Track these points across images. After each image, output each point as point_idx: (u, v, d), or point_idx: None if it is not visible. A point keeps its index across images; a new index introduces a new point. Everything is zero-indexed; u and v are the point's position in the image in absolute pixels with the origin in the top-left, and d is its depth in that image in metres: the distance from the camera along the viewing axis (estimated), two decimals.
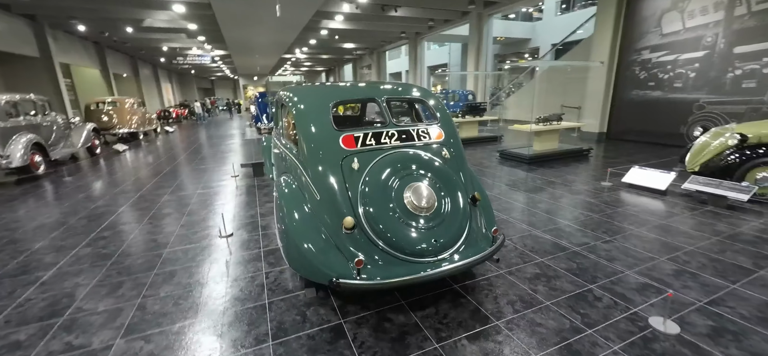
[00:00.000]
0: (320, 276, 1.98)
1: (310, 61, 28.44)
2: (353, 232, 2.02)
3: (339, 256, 2.00)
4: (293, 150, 2.53)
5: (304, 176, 2.27)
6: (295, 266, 2.17)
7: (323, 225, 2.10)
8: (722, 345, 1.89)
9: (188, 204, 4.72)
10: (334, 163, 2.16)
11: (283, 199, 2.31)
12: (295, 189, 2.33)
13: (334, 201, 2.09)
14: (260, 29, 13.67)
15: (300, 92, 2.74)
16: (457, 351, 1.92)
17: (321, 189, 2.14)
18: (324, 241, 2.05)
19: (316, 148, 2.23)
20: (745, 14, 6.57)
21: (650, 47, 8.15)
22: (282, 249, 2.39)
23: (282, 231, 2.26)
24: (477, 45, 14.00)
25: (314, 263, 1.99)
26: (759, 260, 2.78)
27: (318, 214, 2.14)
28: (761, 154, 4.00)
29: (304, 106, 2.49)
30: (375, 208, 2.03)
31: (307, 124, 2.35)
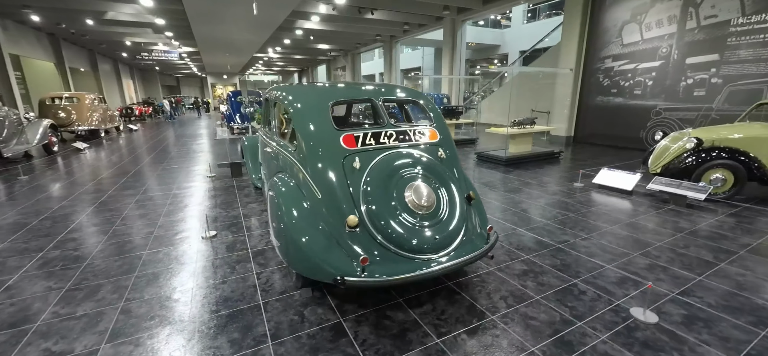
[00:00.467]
0: (323, 274, 1.97)
1: (283, 60, 27.91)
2: (355, 230, 2.02)
3: (341, 254, 2.00)
4: (289, 148, 2.49)
5: (303, 174, 2.25)
6: (295, 265, 2.14)
7: (324, 224, 2.09)
8: (695, 331, 2.08)
9: (163, 205, 4.49)
10: (336, 161, 2.15)
11: (280, 198, 2.27)
12: (294, 187, 2.30)
13: (335, 200, 2.08)
14: (233, 27, 13.26)
15: (297, 91, 2.71)
16: (458, 345, 1.98)
17: (322, 188, 2.13)
18: (326, 239, 2.05)
19: (316, 147, 2.22)
20: (695, 28, 7.20)
21: (612, 56, 8.73)
22: (279, 248, 2.34)
23: (280, 230, 2.22)
24: (451, 50, 14.35)
25: (317, 261, 1.98)
26: (718, 254, 3.07)
27: (319, 213, 2.12)
28: (714, 157, 4.40)
29: (303, 105, 2.46)
30: (378, 207, 2.04)
31: (307, 123, 2.33)
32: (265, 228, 3.68)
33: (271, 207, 2.47)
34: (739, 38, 6.60)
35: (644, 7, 8.00)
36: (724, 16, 6.78)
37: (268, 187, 2.63)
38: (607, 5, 8.73)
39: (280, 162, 2.66)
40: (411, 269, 1.96)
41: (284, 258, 2.28)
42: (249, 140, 5.11)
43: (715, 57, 6.94)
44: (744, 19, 6.51)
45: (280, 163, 2.69)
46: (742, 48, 6.56)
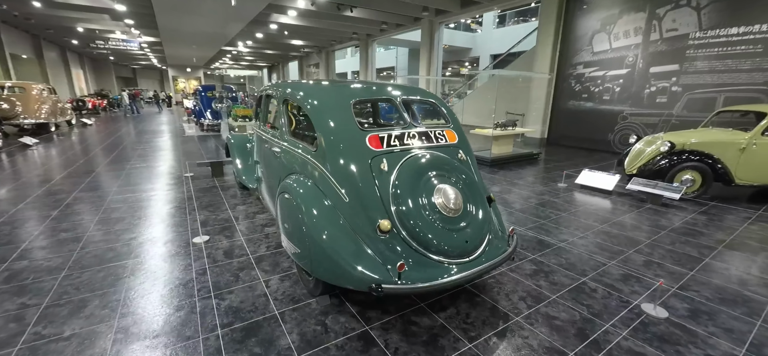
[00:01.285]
0: (355, 282, 1.88)
1: (253, 55, 26.89)
2: (387, 235, 1.95)
3: (373, 260, 1.92)
4: (307, 149, 2.35)
5: (326, 177, 2.13)
6: (320, 273, 2.02)
7: (353, 228, 2.00)
8: (702, 324, 2.22)
9: (140, 208, 4.13)
10: (363, 164, 2.06)
11: (300, 201, 2.14)
12: (314, 190, 2.18)
13: (365, 204, 1.99)
14: (203, 18, 12.55)
15: (314, 89, 2.58)
16: (490, 348, 1.97)
17: (349, 191, 2.03)
18: (355, 245, 1.95)
19: (341, 148, 2.11)
20: (658, 40, 7.78)
21: (583, 63, 9.23)
22: (296, 255, 2.21)
23: (300, 236, 2.09)
24: (428, 51, 14.52)
25: (347, 269, 1.88)
26: (701, 249, 3.31)
27: (346, 217, 2.02)
28: (685, 159, 4.77)
29: (324, 104, 2.34)
30: (410, 210, 1.98)
31: (330, 123, 2.22)
32: (261, 232, 3.49)
33: (286, 211, 2.33)
34: (696, 51, 7.21)
35: (613, 18, 8.52)
36: (683, 30, 7.38)
37: (280, 189, 2.48)
38: (578, 14, 9.21)
39: (291, 163, 2.51)
40: (446, 273, 1.92)
41: (303, 265, 2.15)
42: (236, 138, 4.84)
43: (676, 67, 7.54)
44: (701, 33, 7.13)
45: (290, 164, 2.54)
46: (699, 59, 7.18)
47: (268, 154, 3.01)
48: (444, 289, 1.90)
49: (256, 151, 3.90)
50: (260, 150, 3.45)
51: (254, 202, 4.40)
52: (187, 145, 9.08)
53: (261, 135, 3.35)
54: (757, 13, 6.40)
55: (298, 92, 2.58)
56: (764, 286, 2.68)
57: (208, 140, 9.81)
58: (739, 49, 6.67)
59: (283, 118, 2.72)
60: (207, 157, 7.43)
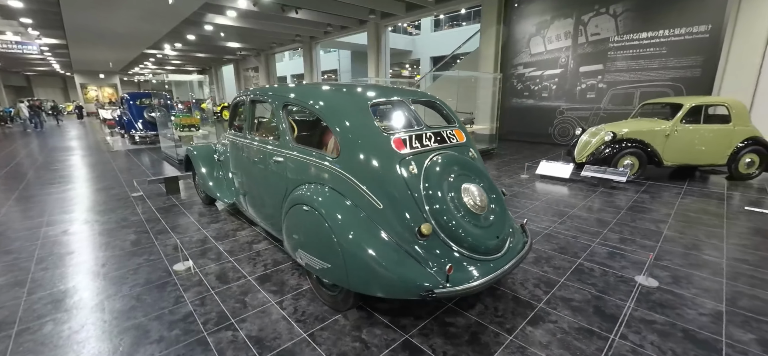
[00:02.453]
0: (403, 290, 1.81)
1: (182, 59, 24.58)
2: (427, 239, 1.91)
3: (416, 266, 1.87)
4: (323, 156, 2.20)
5: (353, 185, 2.02)
6: (359, 285, 1.90)
7: (391, 236, 1.92)
8: (685, 287, 2.55)
9: (91, 238, 3.51)
10: (393, 167, 2.00)
11: (325, 212, 2.00)
12: (340, 200, 2.05)
13: (402, 209, 1.93)
14: (122, 16, 11.10)
15: (324, 93, 2.42)
16: (530, 337, 2.04)
17: (383, 198, 1.94)
18: (396, 253, 1.88)
19: (368, 154, 2.02)
20: (585, 43, 8.83)
21: (523, 64, 10.10)
22: (324, 270, 2.06)
23: (329, 249, 1.95)
24: (376, 53, 14.65)
25: (392, 278, 1.81)
26: (656, 223, 3.82)
27: (382, 225, 1.94)
28: (625, 147, 5.48)
29: (342, 108, 2.21)
30: (445, 212, 1.97)
31: (352, 128, 2.10)
32: (250, 249, 3.19)
33: (306, 225, 2.16)
34: (616, 52, 8.33)
35: (546, 23, 9.45)
36: (604, 34, 8.47)
37: (292, 201, 2.28)
38: (515, 19, 10.05)
39: (301, 173, 2.33)
40: (486, 271, 1.95)
41: (336, 280, 2.02)
42: (200, 150, 4.36)
43: (600, 67, 8.62)
44: (618, 37, 8.25)
45: (299, 174, 2.36)
46: (618, 60, 8.30)
47: (260, 164, 2.76)
48: (483, 288, 1.92)
49: (232, 162, 3.56)
50: (241, 161, 3.15)
51: (228, 219, 4.01)
52: (118, 161, 7.97)
53: (245, 144, 3.06)
54: (661, 21, 7.60)
55: (308, 97, 2.40)
56: (713, 248, 3.18)
57: (142, 154, 8.73)
58: (649, 51, 7.85)
59: (283, 125, 2.52)
60: (151, 172, 6.60)
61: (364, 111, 2.18)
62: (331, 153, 2.17)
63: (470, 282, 1.85)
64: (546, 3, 9.38)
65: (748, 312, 2.27)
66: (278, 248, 3.23)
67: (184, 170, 4.89)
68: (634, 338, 2.03)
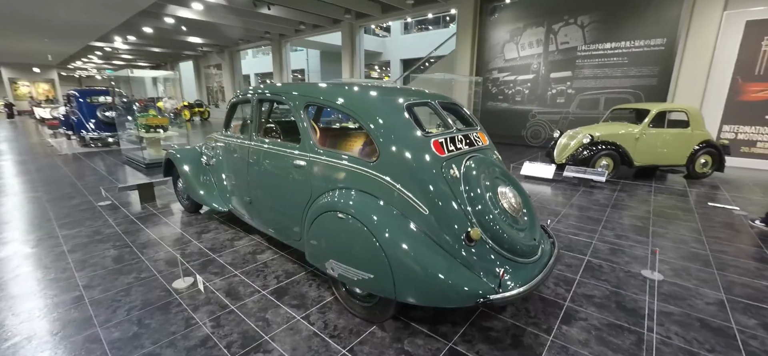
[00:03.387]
0: (457, 299, 1.75)
1: (133, 53, 22.71)
2: (475, 243, 1.88)
3: (467, 273, 1.82)
4: (358, 161, 2.09)
5: (396, 191, 1.93)
6: (412, 296, 1.82)
7: (439, 242, 1.86)
8: (685, 279, 2.75)
9: (59, 256, 3.09)
10: (437, 171, 1.94)
11: (372, 222, 1.89)
12: (385, 208, 1.95)
13: (447, 214, 1.88)
14: (70, 3, 10.01)
15: (358, 94, 2.29)
16: (568, 336, 2.08)
17: (428, 203, 1.88)
18: (446, 260, 1.82)
19: (411, 158, 1.94)
20: (555, 51, 9.35)
21: (498, 68, 10.48)
22: (365, 282, 1.95)
23: (377, 260, 1.86)
24: (350, 54, 14.50)
25: (445, 286, 1.75)
26: (641, 219, 4.10)
27: (428, 232, 1.87)
28: (601, 148, 5.85)
29: (380, 111, 2.11)
30: (489, 215, 1.95)
31: (393, 131, 2.01)
32: (254, 261, 2.97)
33: (340, 234, 2.03)
34: (583, 60, 8.90)
35: (519, 30, 9.89)
36: (573, 43, 9.02)
37: (321, 209, 2.14)
38: (490, 26, 10.42)
39: (330, 178, 2.20)
40: (529, 274, 1.95)
41: (380, 291, 1.91)
42: (184, 153, 4.01)
43: (569, 73, 9.17)
44: (585, 46, 8.83)
45: (327, 180, 2.22)
46: (586, 68, 8.88)
47: (273, 169, 2.57)
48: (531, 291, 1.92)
49: (228, 167, 3.31)
50: (243, 165, 2.92)
51: (219, 227, 3.73)
52: (71, 166, 7.16)
53: (251, 147, 2.84)
54: (623, 33, 8.23)
55: (339, 98, 2.27)
56: (696, 241, 3.47)
57: (97, 158, 7.93)
58: (612, 60, 8.48)
59: (305, 126, 2.36)
60: (115, 178, 5.99)
61: (402, 113, 2.10)
62: (372, 157, 2.07)
63: (519, 286, 1.84)
64: (519, 11, 9.82)
65: (745, 299, 2.49)
66: (286, 257, 3.04)
67: (163, 175, 4.47)
68: (660, 330, 2.14)
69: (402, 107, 2.13)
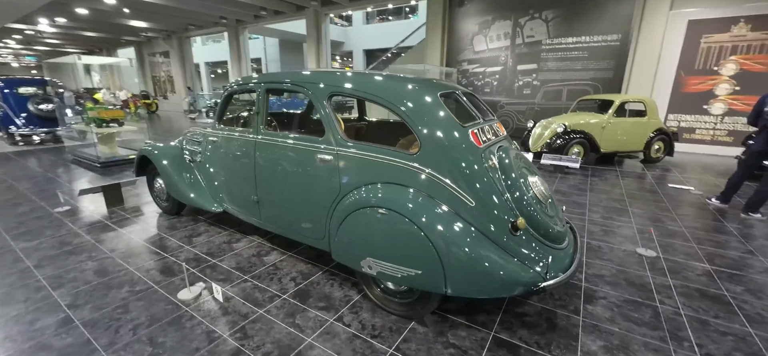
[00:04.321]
0: (510, 288, 1.76)
1: (62, 38, 20.06)
2: (520, 232, 1.90)
3: (514, 261, 1.83)
4: (395, 154, 2.00)
5: (440, 184, 1.89)
6: (465, 289, 1.79)
7: (486, 234, 1.85)
8: (674, 254, 3.03)
9: (24, 271, 2.66)
10: (479, 162, 1.91)
11: (419, 218, 1.82)
12: (429, 201, 1.89)
13: (494, 205, 1.87)
14: None
15: (386, 82, 2.17)
16: (594, 314, 2.19)
17: (474, 195, 1.86)
18: (496, 251, 1.82)
19: (454, 149, 1.90)
20: (521, 44, 9.77)
21: (467, 60, 10.74)
22: (411, 279, 1.89)
23: (426, 255, 1.80)
24: (316, 43, 14.03)
25: (500, 277, 1.75)
26: (619, 201, 4.45)
27: (475, 223, 1.85)
28: (574, 137, 6.24)
29: (419, 101, 2.02)
30: (528, 204, 1.98)
31: (434, 122, 1.95)
32: (263, 264, 2.78)
33: (381, 230, 1.95)
34: (547, 54, 9.40)
35: (487, 23, 10.18)
36: (538, 37, 9.48)
37: (353, 205, 2.03)
38: (459, 17, 10.61)
39: (363, 172, 2.09)
40: (567, 260, 2.02)
41: (429, 286, 1.86)
42: (161, 149, 3.63)
43: (535, 66, 9.64)
44: (549, 40, 9.32)
45: (359, 175, 2.11)
46: (550, 61, 9.39)
47: (288, 165, 2.39)
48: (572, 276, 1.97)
49: (224, 163, 3.04)
50: (245, 161, 2.69)
51: (210, 229, 3.44)
52: (6, 168, 6.20)
53: (258, 142, 2.62)
54: (583, 28, 8.80)
55: (371, 88, 2.15)
56: (670, 219, 3.84)
57: (31, 157, 6.98)
58: (574, 54, 9.04)
59: (329, 118, 2.22)
60: (66, 180, 5.28)
61: (440, 104, 2.05)
62: (411, 149, 1.99)
63: (562, 272, 1.90)
64: (487, 4, 10.09)
65: (726, 268, 2.79)
66: (296, 258, 2.88)
67: (135, 174, 4.00)
68: (670, 302, 2.33)
69: (438, 98, 2.07)
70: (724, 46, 7.52)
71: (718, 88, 7.70)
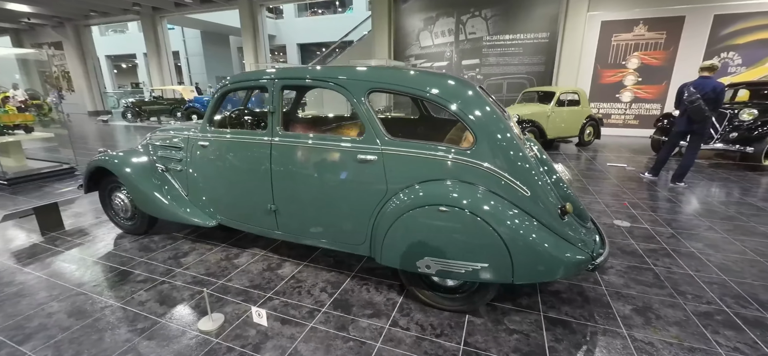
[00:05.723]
0: (571, 269, 1.88)
1: None
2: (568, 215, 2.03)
3: (567, 244, 1.96)
4: (449, 150, 1.97)
5: (498, 177, 1.92)
6: (530, 276, 1.85)
7: (541, 220, 1.94)
8: (641, 222, 3.53)
9: None
10: (526, 152, 2.00)
11: (485, 212, 1.83)
12: (489, 195, 1.90)
13: (544, 192, 1.97)
14: None
15: (429, 77, 2.10)
16: (612, 283, 2.45)
17: (528, 184, 1.93)
18: (552, 235, 1.93)
19: (506, 141, 1.93)
20: (464, 40, 10.35)
21: (415, 55, 11.02)
22: (475, 272, 1.90)
23: (492, 248, 1.82)
24: (253, 36, 13.06)
25: (562, 260, 1.85)
26: (577, 181, 5.02)
27: (532, 211, 1.93)
28: (526, 126, 6.85)
29: (469, 96, 2.00)
30: (563, 187, 2.13)
31: (487, 116, 1.95)
32: (277, 276, 2.54)
33: (442, 228, 1.91)
34: (488, 50, 10.11)
35: (432, 20, 10.56)
36: (479, 34, 10.14)
37: (408, 205, 1.95)
38: (404, 13, 10.81)
39: (413, 171, 2.02)
40: (597, 236, 2.23)
41: (497, 277, 1.89)
42: (123, 158, 3.06)
43: (477, 61, 10.31)
44: (489, 37, 10.03)
45: (408, 173, 2.04)
46: (491, 56, 10.12)
47: (321, 169, 2.20)
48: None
49: (219, 170, 2.68)
50: (262, 167, 2.41)
51: (197, 247, 3.02)
52: None
53: (277, 144, 2.36)
54: (518, 26, 9.65)
55: (416, 83, 2.06)
56: (622, 192, 4.47)
57: None
58: (511, 49, 9.88)
59: (370, 117, 2.09)
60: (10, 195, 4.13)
61: (483, 97, 2.07)
62: (466, 145, 1.98)
63: (601, 249, 2.09)
64: (430, 1, 10.44)
65: (683, 229, 3.36)
66: (314, 267, 2.69)
67: (84, 190, 3.29)
68: (660, 263, 2.73)
69: (478, 92, 2.10)
70: (629, 44, 8.93)
71: (626, 79, 9.13)
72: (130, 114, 12.94)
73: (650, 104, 9.02)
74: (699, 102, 4.32)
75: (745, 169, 5.66)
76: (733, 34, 8.07)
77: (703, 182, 4.98)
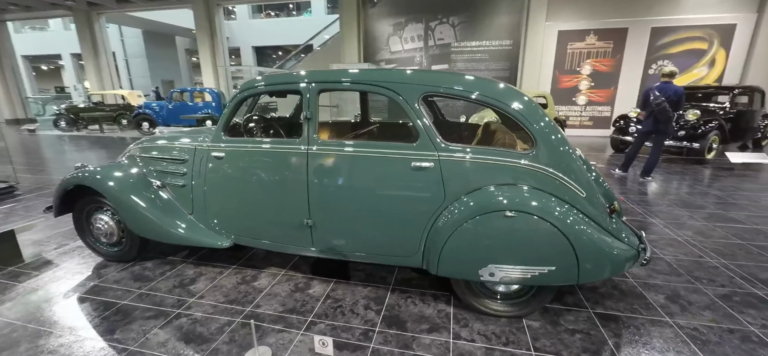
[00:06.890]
0: (626, 265, 1.95)
1: None
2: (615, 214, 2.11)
3: (619, 242, 2.03)
4: (513, 155, 1.95)
5: (556, 179, 1.93)
6: (592, 275, 1.87)
7: (596, 220, 1.99)
8: (629, 214, 3.83)
9: None
10: (575, 153, 2.05)
11: (552, 216, 1.83)
12: (549, 198, 1.90)
13: (595, 192, 2.02)
14: None
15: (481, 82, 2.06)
16: (635, 274, 2.61)
17: (583, 185, 1.97)
18: (607, 234, 1.98)
19: (561, 143, 1.95)
20: (433, 46, 10.59)
21: (385, 60, 11.03)
22: (544, 277, 1.89)
23: (559, 251, 1.83)
24: (210, 37, 12.19)
25: (619, 257, 1.92)
26: None
27: (588, 212, 1.97)
28: None
29: (517, 97, 1.98)
30: (605, 186, 2.22)
31: (543, 120, 1.96)
32: (311, 302, 2.34)
33: (508, 234, 1.88)
34: (456, 55, 10.44)
35: (401, 25, 10.66)
36: (447, 40, 10.43)
37: (470, 212, 1.88)
38: (373, 17, 10.79)
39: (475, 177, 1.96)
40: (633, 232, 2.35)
41: (564, 279, 1.89)
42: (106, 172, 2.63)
43: (447, 66, 10.59)
44: (457, 43, 10.37)
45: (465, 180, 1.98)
46: (459, 62, 10.46)
47: (371, 179, 2.06)
48: None
49: (240, 185, 2.40)
50: (297, 179, 2.20)
51: (202, 271, 2.69)
52: None
53: (313, 152, 2.16)
54: (484, 33, 10.09)
55: (470, 86, 2.01)
56: None
57: None
58: (477, 55, 10.30)
59: (425, 122, 2.00)
60: None
61: (533, 101, 2.08)
62: (527, 149, 1.97)
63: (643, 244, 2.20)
64: (399, 6, 10.54)
65: (670, 219, 3.69)
66: (345, 284, 2.51)
67: (55, 212, 2.76)
68: (666, 250, 2.96)
69: (528, 95, 2.12)
70: (582, 51, 9.75)
71: (581, 83, 9.95)
72: (63, 122, 11.33)
73: (602, 107, 9.93)
74: (664, 104, 4.81)
75: (694, 163, 6.44)
76: (667, 44, 9.18)
77: (664, 175, 5.56)
